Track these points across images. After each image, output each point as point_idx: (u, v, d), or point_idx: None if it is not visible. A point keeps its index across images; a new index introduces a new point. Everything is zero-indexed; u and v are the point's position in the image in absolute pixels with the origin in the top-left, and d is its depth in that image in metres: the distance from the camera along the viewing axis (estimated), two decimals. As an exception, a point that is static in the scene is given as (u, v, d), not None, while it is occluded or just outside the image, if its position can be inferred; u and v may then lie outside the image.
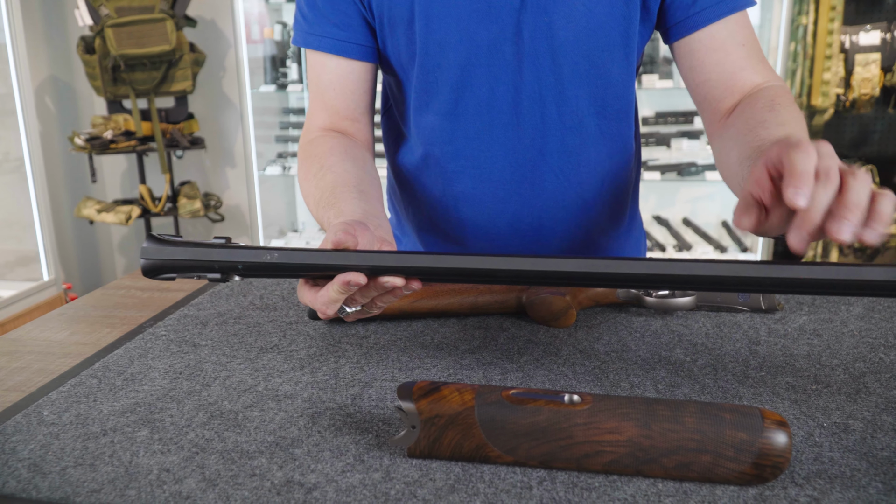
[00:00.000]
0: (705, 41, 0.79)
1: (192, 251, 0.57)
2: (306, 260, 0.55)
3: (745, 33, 0.79)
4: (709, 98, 0.81)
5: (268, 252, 0.56)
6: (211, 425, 0.55)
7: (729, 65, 0.78)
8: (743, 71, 0.78)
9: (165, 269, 0.57)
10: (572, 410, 0.47)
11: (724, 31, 0.78)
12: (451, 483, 0.47)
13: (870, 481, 0.46)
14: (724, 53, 0.78)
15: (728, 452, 0.45)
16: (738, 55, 0.78)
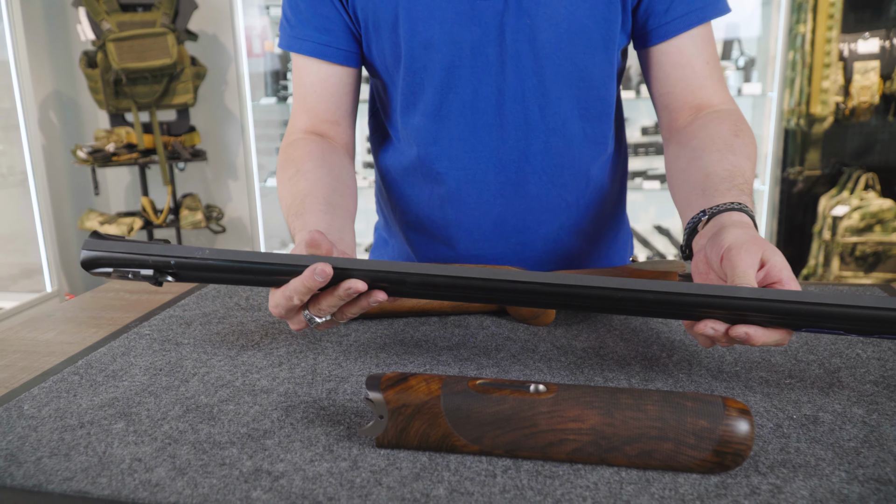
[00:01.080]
0: (673, 55, 0.81)
1: (128, 246, 0.58)
2: (238, 258, 0.56)
3: (709, 50, 0.82)
4: (669, 108, 0.84)
5: (200, 250, 0.57)
6: (186, 418, 0.56)
7: (692, 80, 0.81)
8: (703, 89, 0.81)
9: (103, 262, 0.59)
10: (536, 399, 0.47)
11: (691, 47, 0.80)
12: (416, 471, 0.47)
13: (833, 470, 0.46)
14: (689, 70, 0.81)
15: (689, 440, 0.45)
16: (701, 73, 0.81)
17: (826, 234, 2.55)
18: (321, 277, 0.55)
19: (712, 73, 0.82)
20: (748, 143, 0.76)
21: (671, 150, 0.82)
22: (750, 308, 0.52)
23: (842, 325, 0.51)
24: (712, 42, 0.82)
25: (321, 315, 0.59)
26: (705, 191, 0.69)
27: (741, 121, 0.79)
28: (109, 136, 2.99)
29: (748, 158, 0.74)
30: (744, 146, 0.75)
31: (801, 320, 0.52)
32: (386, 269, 0.56)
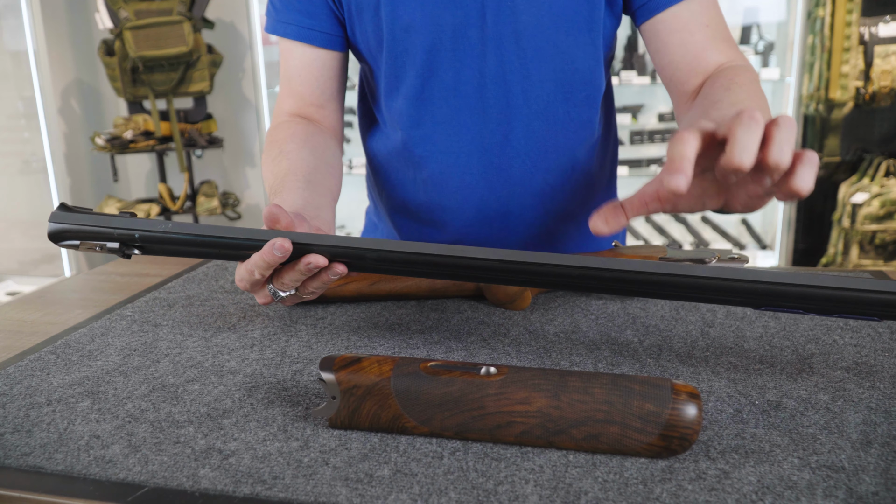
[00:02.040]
0: (668, 22, 0.78)
1: (93, 219, 0.59)
2: (199, 232, 0.57)
3: (709, 14, 0.78)
4: (674, 80, 0.80)
5: (163, 223, 0.58)
6: (150, 397, 0.57)
7: (692, 45, 0.78)
8: (706, 51, 0.77)
9: (69, 234, 0.59)
10: (484, 381, 0.47)
11: (686, 12, 0.77)
12: (365, 452, 0.47)
13: (787, 456, 0.45)
14: (687, 34, 0.78)
15: (635, 423, 0.45)
16: (701, 35, 0.78)
17: (845, 222, 2.50)
18: (280, 252, 0.55)
19: (714, 34, 0.78)
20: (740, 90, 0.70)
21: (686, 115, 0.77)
22: (706, 288, 0.51)
23: (799, 305, 0.51)
24: (714, 7, 0.79)
25: (284, 289, 0.59)
26: (707, 110, 0.67)
27: (739, 73, 0.74)
28: (127, 123, 3.03)
29: (751, 95, 0.69)
30: (731, 95, 0.69)
31: (757, 299, 0.51)
32: (346, 244, 0.57)
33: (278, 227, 0.58)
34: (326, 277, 0.58)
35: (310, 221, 0.65)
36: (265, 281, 0.60)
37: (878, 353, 0.61)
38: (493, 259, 0.54)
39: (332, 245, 0.57)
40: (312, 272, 0.57)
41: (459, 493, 0.43)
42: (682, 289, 0.52)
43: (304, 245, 0.57)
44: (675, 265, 0.52)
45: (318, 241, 0.57)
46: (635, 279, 0.52)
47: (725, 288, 0.51)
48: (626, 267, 0.52)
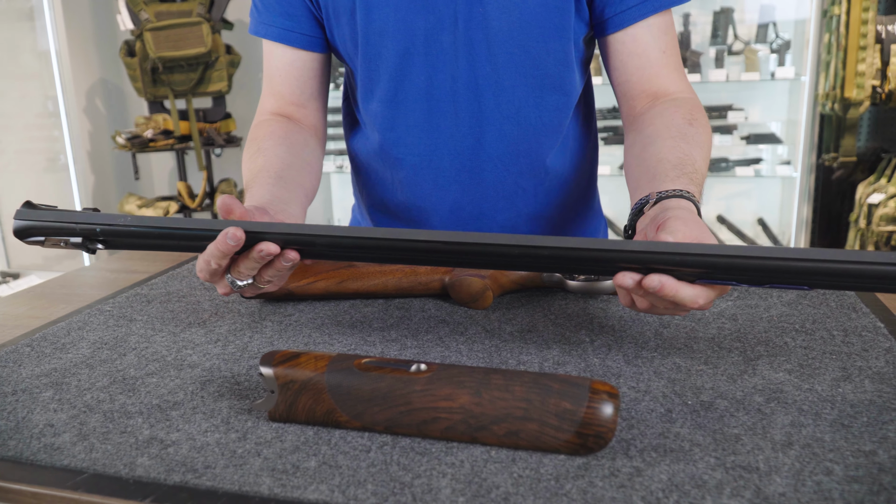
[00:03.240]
0: (629, 44, 0.81)
1: (55, 215, 0.61)
2: (157, 224, 0.59)
3: (666, 39, 0.81)
4: (627, 96, 0.84)
5: (123, 217, 0.60)
6: (109, 389, 0.59)
7: (647, 70, 0.81)
8: (659, 78, 0.81)
9: (34, 230, 0.62)
10: (411, 377, 0.49)
11: (647, 36, 0.80)
12: (297, 444, 0.49)
13: (704, 456, 0.46)
14: (645, 59, 0.81)
15: (552, 421, 0.46)
16: (657, 62, 0.81)
17: (862, 223, 2.45)
18: (233, 241, 0.57)
19: (668, 61, 0.81)
20: (702, 131, 0.76)
21: (629, 138, 0.82)
22: (638, 261, 0.52)
23: (729, 276, 0.52)
24: (671, 31, 0.82)
25: (241, 278, 0.61)
26: (655, 176, 0.69)
27: (697, 109, 0.79)
28: (148, 122, 3.09)
29: (700, 147, 0.74)
30: (697, 135, 0.75)
31: (685, 270, 0.52)
32: (296, 231, 0.58)
33: (232, 216, 0.60)
34: (280, 265, 0.60)
35: (273, 215, 0.67)
36: (223, 271, 0.62)
37: (826, 355, 0.61)
38: (426, 240, 0.56)
39: (283, 232, 0.59)
40: (266, 260, 0.59)
41: (377, 485, 0.44)
42: (607, 262, 0.53)
43: (257, 233, 0.59)
44: (607, 241, 0.53)
45: (270, 228, 0.59)
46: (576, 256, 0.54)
47: (656, 260, 0.52)
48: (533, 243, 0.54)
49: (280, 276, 0.62)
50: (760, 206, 3.06)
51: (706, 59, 2.84)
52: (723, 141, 2.87)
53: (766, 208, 3.05)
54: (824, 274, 0.50)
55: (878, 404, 0.52)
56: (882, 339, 0.64)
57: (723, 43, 2.79)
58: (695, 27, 2.88)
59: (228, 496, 0.44)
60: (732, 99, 2.94)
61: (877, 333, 0.65)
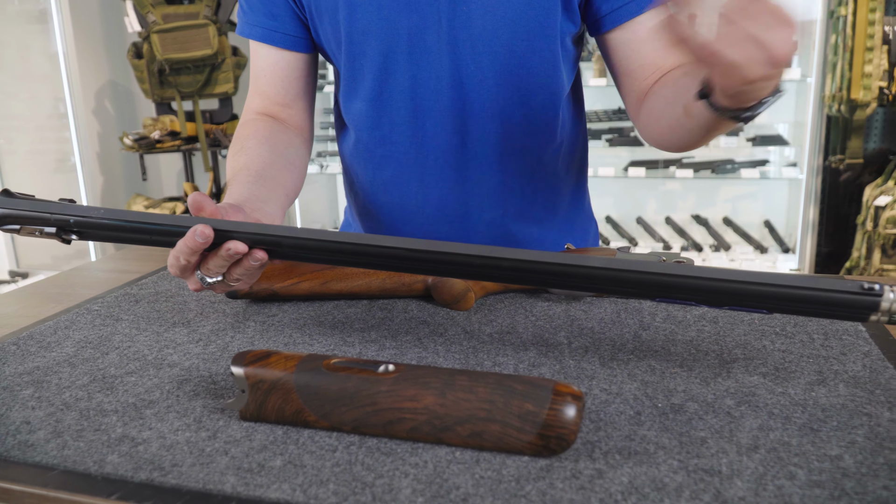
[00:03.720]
0: (638, 32, 0.80)
1: (31, 205, 0.62)
2: (128, 218, 0.60)
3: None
4: (637, 79, 0.82)
5: (96, 210, 0.61)
6: (88, 387, 0.60)
7: (659, 52, 0.80)
8: (669, 57, 0.79)
9: (9, 219, 0.63)
10: (378, 378, 0.49)
11: (652, 21, 0.79)
12: (266, 444, 0.50)
13: (667, 459, 0.46)
14: (654, 43, 0.80)
15: (514, 422, 0.46)
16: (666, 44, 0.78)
17: (869, 226, 2.43)
18: (201, 238, 0.58)
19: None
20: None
21: (647, 102, 0.80)
22: (598, 278, 0.53)
23: (691, 297, 0.52)
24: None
25: (210, 275, 0.62)
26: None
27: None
28: (155, 124, 3.12)
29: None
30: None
31: (647, 290, 0.52)
32: (264, 231, 0.59)
33: (202, 214, 0.61)
34: (248, 263, 0.61)
35: (249, 213, 0.68)
36: (193, 267, 0.62)
37: (804, 359, 0.61)
38: (390, 247, 0.57)
39: (252, 232, 0.59)
40: (234, 258, 0.60)
41: (339, 484, 0.45)
42: (574, 278, 0.54)
43: (226, 232, 0.59)
44: (568, 255, 0.54)
45: (239, 227, 0.59)
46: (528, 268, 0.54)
47: (615, 279, 0.53)
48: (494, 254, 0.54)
49: (249, 274, 0.63)
50: (767, 209, 3.04)
51: (712, 60, 2.82)
52: (728, 142, 2.85)
53: (772, 211, 3.03)
54: (780, 299, 0.51)
55: (850, 408, 0.52)
56: (862, 343, 0.63)
57: (729, 44, 2.77)
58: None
59: (192, 494, 0.44)
60: (739, 100, 2.92)
61: (857, 337, 0.65)
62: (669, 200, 3.15)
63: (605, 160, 3.11)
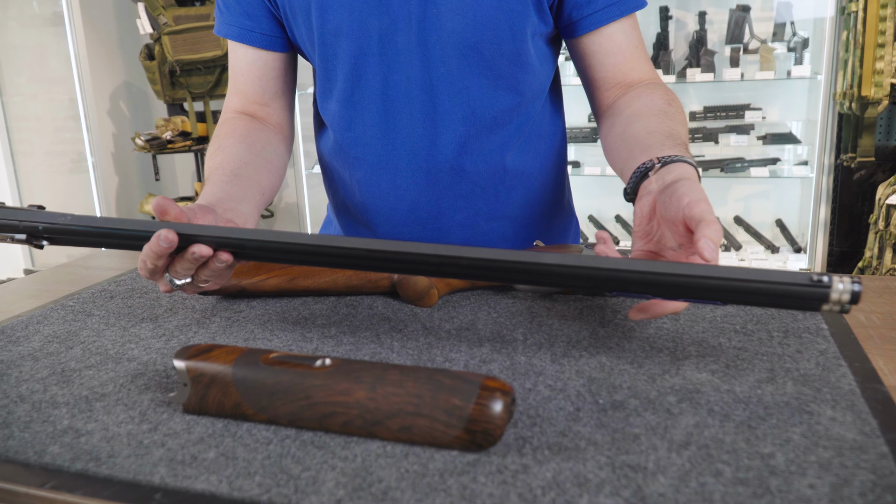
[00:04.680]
0: (604, 44, 0.83)
1: (2, 212, 0.63)
2: (95, 224, 0.61)
3: (636, 35, 0.84)
4: (601, 89, 0.86)
5: (63, 216, 0.62)
6: (46, 381, 0.61)
7: (623, 66, 0.84)
8: (633, 71, 0.84)
9: None
10: (311, 372, 0.49)
11: (620, 34, 0.83)
12: (203, 436, 0.50)
13: (595, 455, 0.46)
14: (621, 57, 0.84)
15: (442, 417, 0.46)
16: (631, 57, 0.84)
17: (880, 224, 2.39)
18: (165, 243, 0.58)
19: (640, 55, 0.85)
20: (679, 111, 0.79)
21: (606, 122, 0.84)
22: (552, 274, 0.53)
23: (645, 290, 0.53)
24: (637, 27, 0.85)
25: (179, 278, 0.63)
26: (650, 147, 0.71)
27: (671, 93, 0.82)
28: (167, 124, 3.16)
29: (682, 125, 0.77)
30: (677, 114, 0.78)
31: (601, 284, 0.53)
32: (227, 234, 0.60)
33: (167, 218, 0.62)
34: (214, 266, 0.61)
35: (221, 213, 0.69)
36: (161, 270, 0.63)
37: (758, 356, 0.60)
38: (350, 247, 0.57)
39: (215, 235, 0.60)
40: (200, 261, 0.60)
41: (265, 476, 0.45)
42: (528, 274, 0.54)
43: (190, 236, 0.60)
44: (521, 253, 0.54)
45: (203, 231, 0.60)
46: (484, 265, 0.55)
47: (568, 274, 0.53)
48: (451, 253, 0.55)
49: (217, 275, 0.63)
50: (779, 207, 3.00)
51: (721, 57, 2.80)
52: (739, 141, 2.82)
53: (785, 209, 2.99)
54: (732, 291, 0.51)
55: (794, 406, 0.51)
56: (820, 341, 0.62)
57: (739, 42, 2.74)
58: (711, 25, 2.84)
59: (122, 484, 0.45)
60: (750, 98, 2.88)
61: (817, 335, 0.64)
62: (680, 199, 3.11)
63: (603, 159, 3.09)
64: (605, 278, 0.53)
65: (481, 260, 0.55)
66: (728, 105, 2.88)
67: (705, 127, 2.89)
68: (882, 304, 0.73)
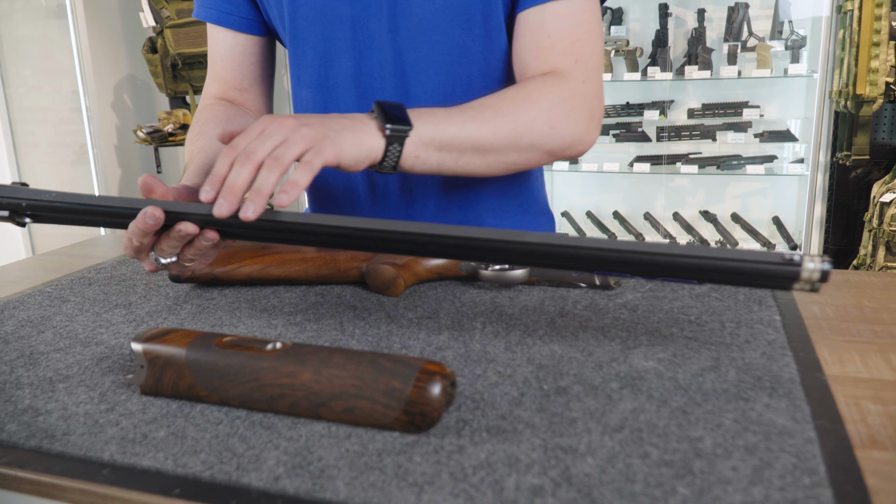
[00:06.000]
0: (520, 27, 0.81)
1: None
2: (80, 201, 0.62)
3: (559, 24, 0.78)
4: (517, 79, 0.84)
5: (48, 192, 0.63)
6: (14, 362, 0.63)
7: (529, 52, 0.80)
8: (538, 61, 0.79)
9: None
10: (261, 355, 0.51)
11: (536, 19, 0.79)
12: (157, 416, 0.52)
13: (530, 437, 0.47)
14: (528, 41, 0.80)
15: (382, 399, 0.48)
16: (540, 45, 0.79)
17: (875, 222, 2.39)
18: (152, 220, 0.59)
19: (553, 45, 0.78)
20: (533, 86, 0.75)
21: None
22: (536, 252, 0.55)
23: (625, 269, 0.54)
24: (575, 19, 0.78)
25: (164, 256, 0.64)
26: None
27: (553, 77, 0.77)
28: (169, 117, 3.18)
29: (490, 99, 0.74)
30: (526, 86, 0.75)
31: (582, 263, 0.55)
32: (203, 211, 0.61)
33: (153, 196, 0.63)
34: (200, 244, 0.62)
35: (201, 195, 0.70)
36: (147, 249, 0.64)
37: (706, 346, 0.61)
38: (331, 225, 0.58)
39: (201, 213, 0.61)
40: (185, 239, 0.62)
41: (210, 454, 0.47)
42: (512, 253, 0.55)
43: (177, 213, 0.61)
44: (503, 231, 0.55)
45: (189, 209, 0.61)
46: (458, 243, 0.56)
47: (552, 253, 0.54)
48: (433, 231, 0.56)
49: (202, 254, 0.64)
50: (776, 205, 3.00)
51: (719, 55, 2.80)
52: (736, 138, 2.82)
53: (781, 207, 2.99)
54: (708, 270, 0.52)
55: (732, 393, 0.53)
56: (770, 332, 0.64)
57: (737, 39, 2.74)
58: (710, 23, 2.84)
59: (73, 460, 0.47)
60: (748, 96, 2.88)
61: (768, 326, 0.65)
62: (678, 196, 3.12)
63: (612, 155, 3.10)
64: (584, 257, 0.54)
65: (467, 238, 0.56)
66: (726, 102, 2.88)
67: (703, 124, 2.89)
68: (839, 296, 0.74)
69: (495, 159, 0.74)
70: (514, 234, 0.55)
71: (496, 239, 0.55)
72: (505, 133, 0.72)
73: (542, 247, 0.55)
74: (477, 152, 0.72)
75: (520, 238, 0.55)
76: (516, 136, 0.73)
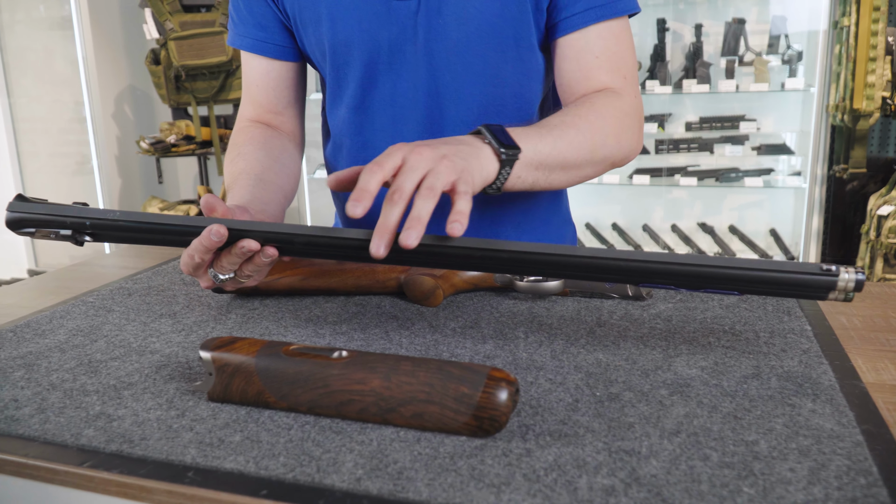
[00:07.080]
0: (564, 50, 0.85)
1: (47, 208, 0.66)
2: (146, 220, 0.64)
3: (603, 45, 0.83)
4: (563, 100, 0.88)
5: (112, 212, 0.65)
6: (75, 370, 0.65)
7: (577, 73, 0.84)
8: (588, 80, 0.83)
9: (26, 222, 0.67)
10: (330, 362, 0.53)
11: (581, 42, 0.83)
12: (229, 421, 0.54)
13: (593, 441, 0.50)
14: (575, 63, 0.84)
15: (451, 404, 0.50)
16: (588, 66, 0.83)
17: (872, 235, 2.44)
18: (216, 237, 0.62)
19: (602, 65, 0.83)
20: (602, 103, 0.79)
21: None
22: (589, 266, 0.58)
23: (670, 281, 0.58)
24: (613, 37, 0.83)
25: (223, 272, 0.66)
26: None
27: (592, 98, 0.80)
28: (171, 128, 3.20)
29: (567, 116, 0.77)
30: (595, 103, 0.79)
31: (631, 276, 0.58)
32: (276, 229, 0.63)
33: (214, 214, 0.65)
34: (260, 260, 0.65)
35: (254, 215, 0.72)
36: (206, 265, 0.66)
37: (745, 355, 0.64)
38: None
39: (264, 230, 0.63)
40: (247, 255, 0.64)
41: (288, 457, 0.49)
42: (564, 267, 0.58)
43: (239, 231, 0.63)
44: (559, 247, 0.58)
45: (252, 226, 0.63)
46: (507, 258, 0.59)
47: (605, 267, 0.58)
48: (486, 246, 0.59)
49: (259, 270, 0.67)
50: (773, 217, 3.05)
51: (717, 69, 2.85)
52: (734, 151, 2.87)
53: (778, 219, 3.04)
54: (750, 281, 0.56)
55: (777, 399, 0.55)
56: (804, 342, 0.66)
57: (735, 54, 2.79)
58: (707, 38, 2.89)
59: (155, 463, 0.49)
60: (745, 109, 2.94)
61: (801, 336, 0.68)
62: (676, 208, 3.17)
63: (611, 168, 3.14)
64: (636, 270, 0.57)
65: (523, 253, 0.59)
66: (723, 116, 2.93)
67: (701, 137, 2.94)
68: (864, 307, 0.77)
69: (575, 174, 0.78)
70: (566, 249, 0.58)
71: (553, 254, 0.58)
72: (585, 149, 0.76)
73: (595, 260, 0.57)
74: (563, 169, 0.75)
75: (572, 252, 0.58)
76: (593, 151, 0.77)
